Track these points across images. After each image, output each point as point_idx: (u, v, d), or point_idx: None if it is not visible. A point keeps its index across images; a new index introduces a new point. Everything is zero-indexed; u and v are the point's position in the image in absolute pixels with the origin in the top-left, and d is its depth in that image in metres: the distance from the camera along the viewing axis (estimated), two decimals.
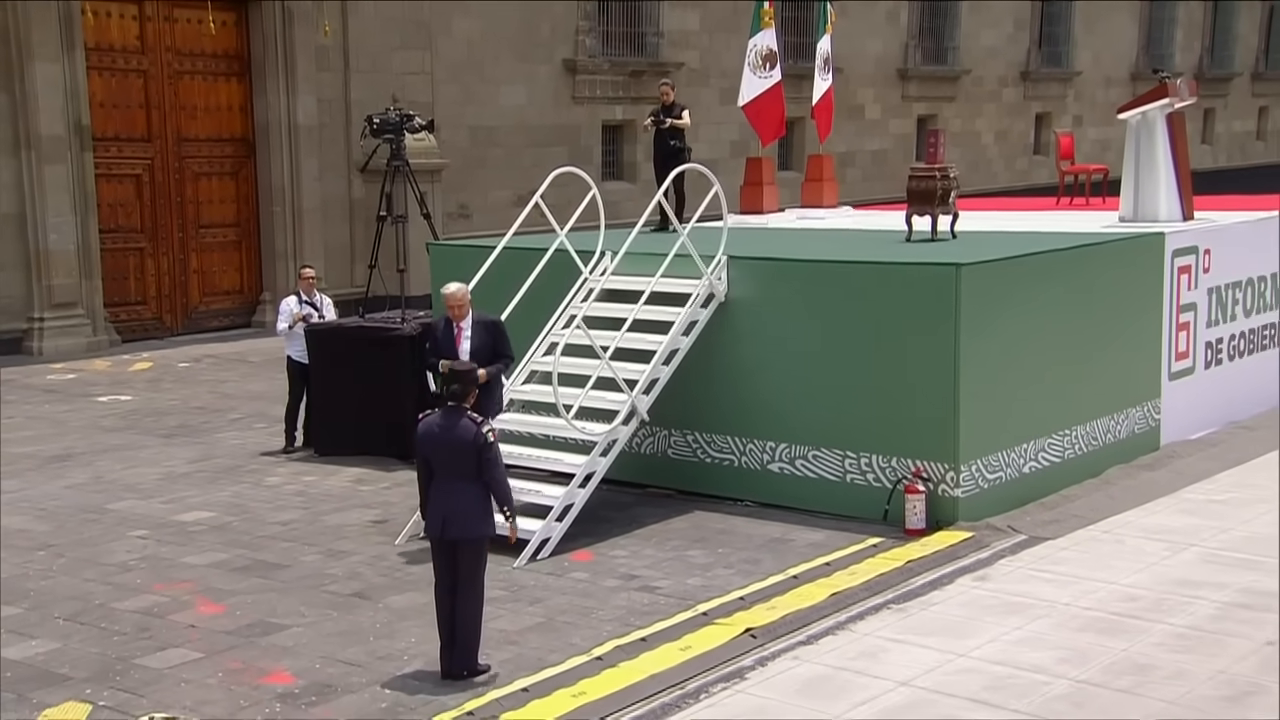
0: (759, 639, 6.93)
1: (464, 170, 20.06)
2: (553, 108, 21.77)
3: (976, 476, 8.96)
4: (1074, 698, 6.09)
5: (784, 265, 9.83)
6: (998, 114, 31.20)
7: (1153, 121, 11.23)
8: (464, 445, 6.40)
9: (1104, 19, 32.97)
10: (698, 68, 23.79)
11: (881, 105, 28.29)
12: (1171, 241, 10.60)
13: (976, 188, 26.95)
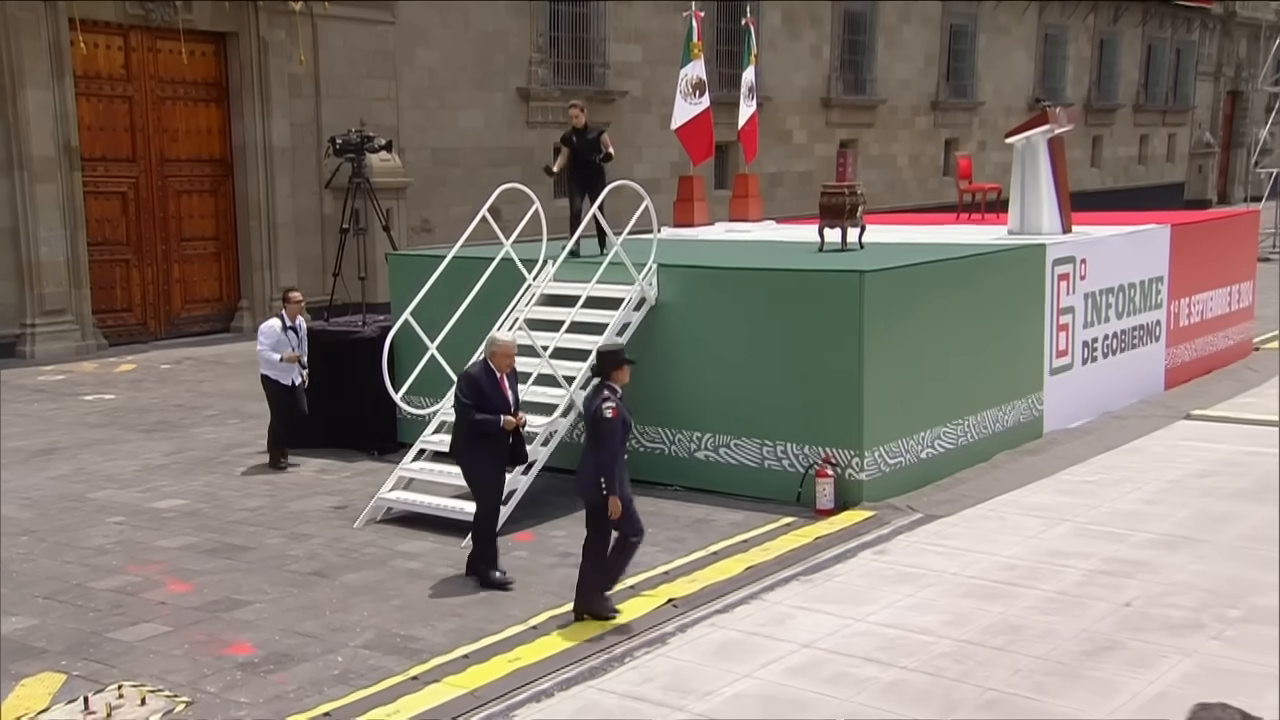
0: (680, 608, 6.98)
1: (426, 188, 19.97)
2: (508, 131, 21.73)
3: (879, 461, 9.06)
4: (954, 655, 6.19)
5: (709, 272, 9.89)
6: (911, 139, 31.49)
7: (1036, 145, 11.40)
8: (589, 416, 6.74)
9: (1004, 55, 33.42)
10: (640, 96, 23.82)
11: (807, 130, 28.45)
12: (1052, 252, 10.75)
13: (893, 205, 27.22)
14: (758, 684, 5.94)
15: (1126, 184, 38.26)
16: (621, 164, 23.23)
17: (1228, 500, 8.75)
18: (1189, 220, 13.57)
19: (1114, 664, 6.01)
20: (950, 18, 31.51)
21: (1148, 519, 8.38)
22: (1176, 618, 6.55)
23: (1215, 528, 8.13)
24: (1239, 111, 43.30)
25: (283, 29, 17.83)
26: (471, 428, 7.36)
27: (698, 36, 13.24)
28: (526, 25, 21.60)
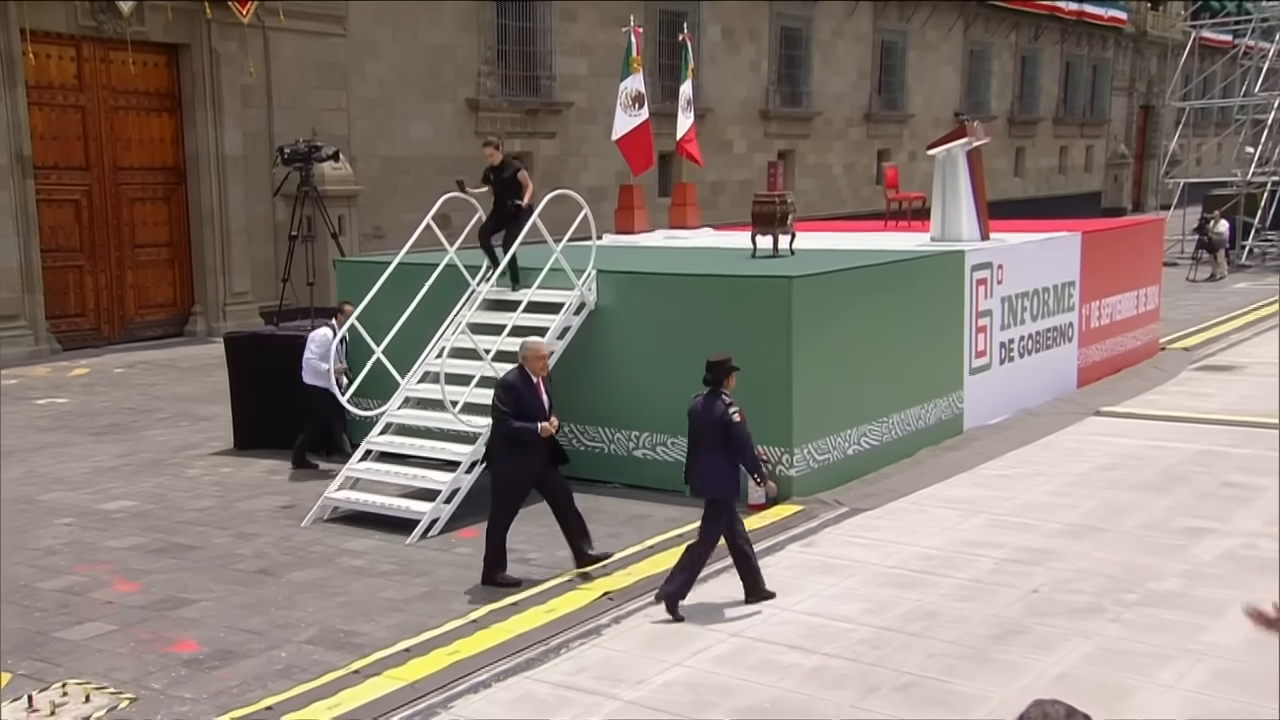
0: (616, 600, 7.01)
1: (377, 195, 19.83)
2: (457, 140, 21.62)
3: (808, 458, 9.16)
4: (873, 641, 6.29)
5: (646, 278, 9.94)
6: (845, 149, 31.78)
7: (956, 157, 11.56)
8: (716, 423, 6.79)
9: (932, 70, 33.85)
10: (586, 107, 23.83)
11: (747, 141, 28.62)
12: (970, 258, 10.91)
13: (828, 212, 27.44)
14: (687, 672, 5.99)
15: (1048, 193, 38.90)
16: (568, 173, 23.37)
17: (1130, 491, 8.95)
18: (1098, 228, 13.82)
19: (1021, 647, 6.14)
20: (881, 34, 31.86)
21: (1057, 510, 8.56)
22: (1079, 602, 6.70)
23: (1118, 517, 8.32)
24: (1151, 125, 44.19)
25: (235, 41, 17.62)
26: (508, 434, 7.22)
27: (637, 51, 13.29)
28: (475, 39, 21.53)
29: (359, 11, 19.39)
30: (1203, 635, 6.14)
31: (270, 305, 15.46)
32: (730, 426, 6.79)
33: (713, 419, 6.83)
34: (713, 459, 6.85)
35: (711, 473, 6.87)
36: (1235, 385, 12.94)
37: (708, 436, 6.87)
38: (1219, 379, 13.34)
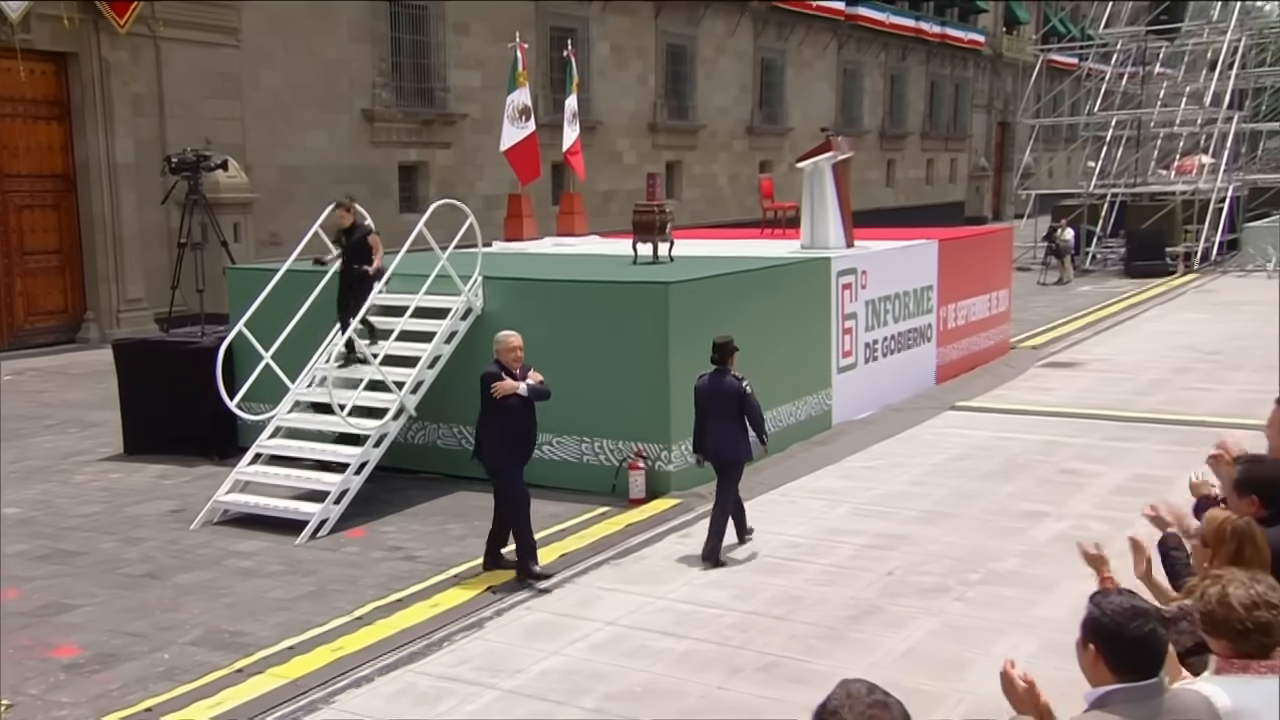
0: (499, 594, 7.00)
1: (274, 203, 19.36)
2: (353, 150, 21.27)
3: (685, 454, 9.25)
4: (740, 625, 6.42)
5: (531, 284, 9.93)
6: (730, 160, 32.19)
7: (823, 170, 11.80)
8: (730, 395, 7.45)
9: (809, 86, 34.53)
10: (480, 118, 23.65)
11: (636, 152, 28.76)
12: (836, 264, 11.17)
13: (714, 220, 27.75)
14: (564, 660, 6.03)
15: (917, 202, 40.00)
16: (463, 183, 23.18)
17: (979, 480, 9.28)
18: (953, 236, 14.30)
19: (874, 626, 6.33)
20: (761, 52, 32.36)
21: (912, 498, 8.83)
22: (928, 583, 6.94)
23: (967, 504, 8.62)
24: (1008, 140, 45.77)
25: (125, 50, 17.01)
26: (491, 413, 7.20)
27: (523, 66, 13.27)
28: (369, 51, 21.20)
29: (252, 23, 18.91)
30: (1035, 610, 6.43)
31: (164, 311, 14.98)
32: (746, 398, 7.51)
33: (724, 392, 7.51)
34: (725, 426, 7.50)
35: (726, 439, 7.53)
36: (1076, 380, 13.51)
37: (718, 408, 7.53)
38: (1062, 375, 13.91)
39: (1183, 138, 30.13)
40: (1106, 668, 2.59)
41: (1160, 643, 2.55)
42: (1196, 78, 28.39)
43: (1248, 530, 3.33)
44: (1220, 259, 24.96)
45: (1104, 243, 26.02)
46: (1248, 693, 2.66)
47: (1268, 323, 17.09)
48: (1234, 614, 2.69)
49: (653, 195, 10.97)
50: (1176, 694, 2.63)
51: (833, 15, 34.18)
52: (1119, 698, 2.55)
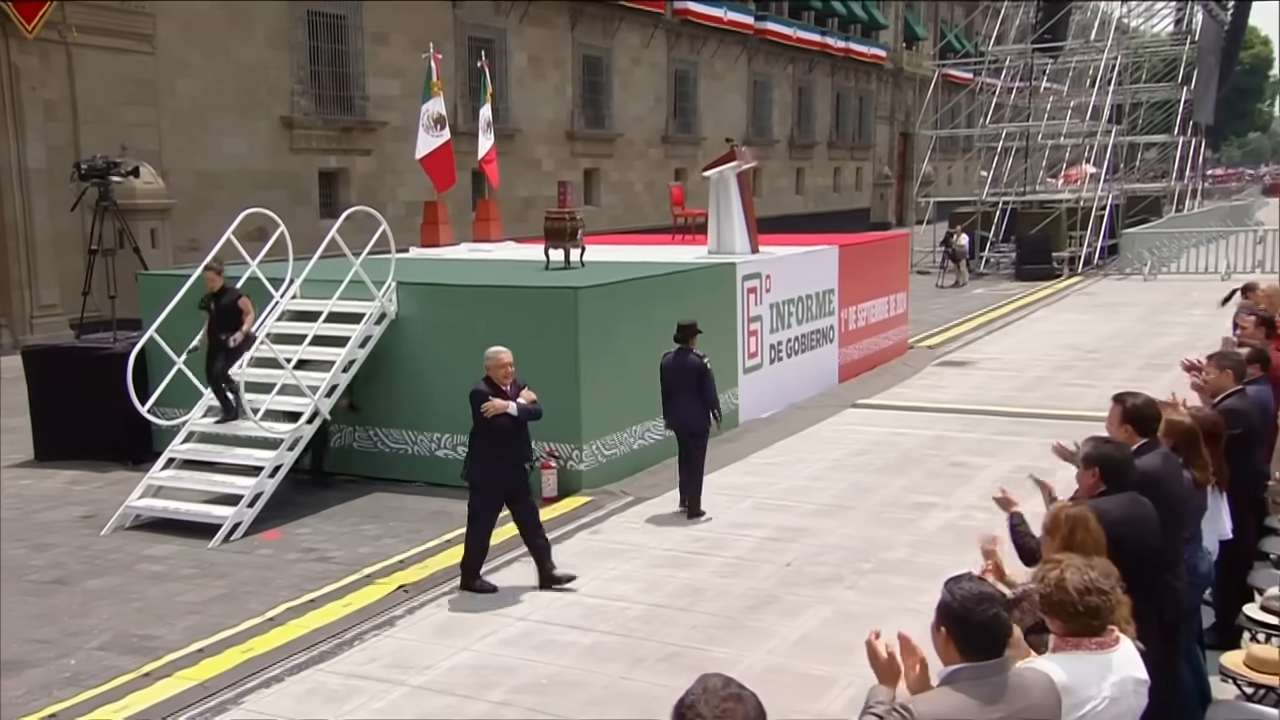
0: (410, 593, 6.95)
1: (192, 209, 18.85)
2: (272, 156, 20.84)
3: (596, 453, 9.30)
4: (645, 617, 6.47)
5: (443, 289, 9.87)
6: (646, 168, 32.31)
7: (728, 178, 11.93)
8: (691, 371, 8.17)
9: (721, 97, 34.86)
10: (400, 126, 23.35)
11: (555, 160, 28.70)
12: (741, 269, 11.30)
13: (631, 226, 27.81)
14: (473, 655, 6.01)
15: (825, 209, 40.63)
16: (384, 189, 22.88)
17: (875, 474, 9.49)
18: (853, 241, 14.56)
19: (771, 615, 6.44)
20: (675, 64, 32.57)
21: (812, 492, 8.99)
22: (823, 573, 7.08)
23: (863, 497, 8.81)
24: (909, 150, 46.76)
25: (34, 55, 16.42)
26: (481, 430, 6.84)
27: (436, 76, 13.17)
28: (287, 59, 20.79)
29: (167, 30, 18.41)
30: (922, 596, 6.56)
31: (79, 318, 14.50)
32: (706, 373, 8.21)
33: (687, 369, 8.19)
34: (689, 400, 8.22)
35: (691, 411, 8.25)
36: (968, 378, 13.87)
37: (681, 384, 8.21)
38: (955, 373, 14.28)
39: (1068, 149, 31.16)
40: (955, 648, 2.69)
41: (1003, 625, 2.67)
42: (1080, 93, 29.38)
43: (1080, 516, 3.51)
44: (1101, 263, 25.84)
45: (996, 247, 26.75)
46: (1080, 668, 2.80)
47: (1142, 323, 17.80)
48: (1068, 597, 2.83)
49: (564, 202, 11.00)
50: (1019, 672, 2.75)
51: (743, 29, 34.57)
52: (965, 675, 2.66)
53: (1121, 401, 4.57)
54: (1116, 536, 3.47)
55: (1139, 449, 4.39)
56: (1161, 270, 24.66)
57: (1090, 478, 3.80)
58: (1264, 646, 4.59)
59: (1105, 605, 2.82)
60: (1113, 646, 2.85)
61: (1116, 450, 3.83)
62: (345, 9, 21.81)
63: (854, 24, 41.88)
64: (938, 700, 2.64)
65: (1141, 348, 15.31)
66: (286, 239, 9.95)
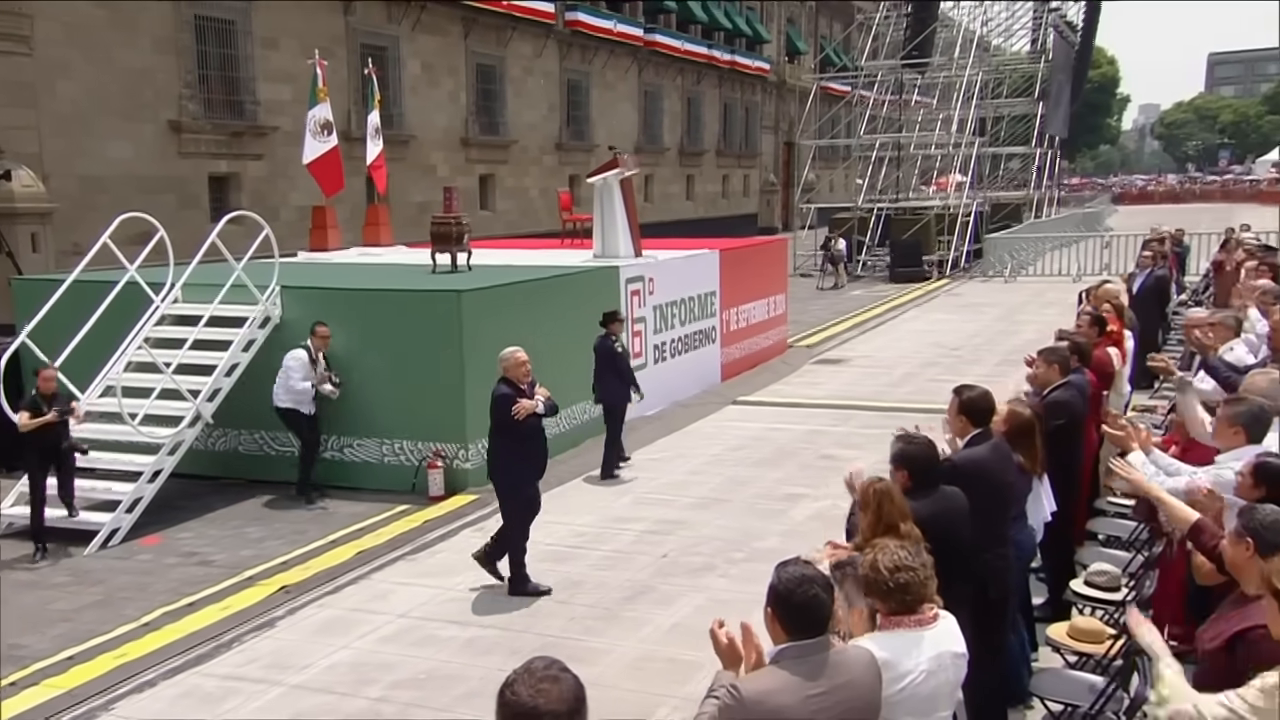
0: (292, 593, 6.81)
1: (75, 213, 17.97)
2: (160, 160, 20.05)
3: (482, 452, 9.21)
4: (525, 610, 6.49)
5: (329, 293, 9.68)
6: (541, 174, 32.16)
7: (611, 185, 12.00)
8: (605, 354, 9.22)
9: (613, 106, 34.96)
10: (292, 131, 22.66)
11: (450, 166, 28.34)
12: (624, 272, 11.37)
13: (526, 230, 27.63)
14: (352, 653, 5.93)
15: (715, 214, 41.11)
16: (276, 194, 22.26)
17: (751, 467, 9.67)
18: (734, 246, 14.79)
19: (646, 604, 6.52)
20: (567, 73, 32.53)
21: (691, 486, 9.12)
22: (697, 563, 7.20)
23: (739, 489, 8.97)
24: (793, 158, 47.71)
25: None
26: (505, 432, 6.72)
27: (323, 82, 12.89)
28: (173, 63, 20.03)
29: (46, 31, 17.55)
30: None
31: None
32: (615, 356, 9.22)
33: (606, 351, 9.22)
34: (608, 379, 9.23)
35: (609, 388, 9.25)
36: (842, 375, 14.23)
37: (602, 365, 9.22)
38: (830, 370, 14.64)
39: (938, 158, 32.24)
40: (781, 628, 2.79)
41: (822, 606, 2.77)
42: (948, 106, 30.41)
43: (885, 490, 3.73)
44: (967, 266, 26.80)
45: (872, 251, 27.49)
46: (898, 644, 2.93)
47: (1002, 322, 18.54)
48: (880, 576, 2.96)
49: (450, 207, 10.88)
50: (842, 649, 2.86)
51: (632, 41, 34.76)
52: (790, 654, 2.75)
53: (959, 394, 4.78)
54: (927, 532, 3.65)
55: (973, 438, 4.60)
56: (1021, 273, 25.71)
57: (901, 478, 3.98)
58: (1086, 618, 4.85)
59: (915, 580, 2.95)
60: (930, 623, 2.99)
61: (919, 449, 4.02)
62: (234, 13, 21.15)
63: (739, 38, 42.52)
64: (763, 678, 2.73)
65: (1000, 345, 15.93)
66: (167, 243, 9.64)
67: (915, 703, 2.92)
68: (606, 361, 9.23)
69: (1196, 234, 22.51)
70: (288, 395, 8.85)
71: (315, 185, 22.84)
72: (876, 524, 3.63)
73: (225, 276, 9.32)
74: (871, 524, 3.66)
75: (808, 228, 30.30)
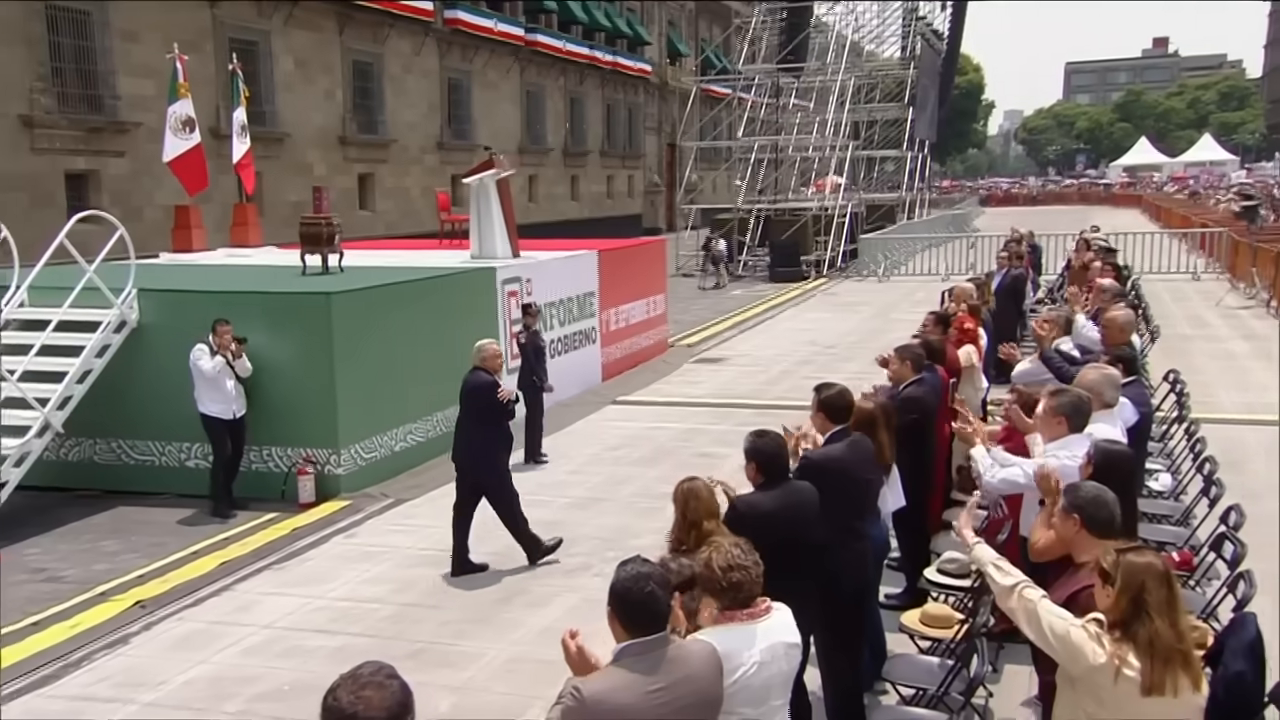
0: (148, 608, 6.54)
1: None
2: (11, 156, 18.95)
3: (355, 457, 9.05)
4: (395, 618, 6.37)
5: (190, 296, 9.33)
6: (422, 174, 31.65)
7: (487, 185, 11.88)
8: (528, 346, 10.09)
9: (495, 106, 34.67)
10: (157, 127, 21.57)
11: (327, 165, 27.64)
12: (501, 274, 11.28)
13: (408, 231, 27.14)
14: (212, 668, 5.72)
15: (600, 214, 41.20)
16: (140, 192, 21.31)
17: (630, 466, 9.73)
18: (612, 246, 14.85)
19: (519, 607, 6.49)
20: (448, 72, 32.12)
21: (569, 486, 9.11)
22: (573, 563, 7.20)
23: (617, 489, 9.01)
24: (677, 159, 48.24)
25: None
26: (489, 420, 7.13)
27: (183, 77, 12.39)
28: (23, 54, 18.97)
29: None
30: None
31: None
32: (521, 347, 10.07)
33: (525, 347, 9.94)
34: (524, 369, 9.94)
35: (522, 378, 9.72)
36: (720, 374, 14.44)
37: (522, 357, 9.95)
38: (710, 369, 14.83)
39: (815, 161, 33.05)
40: (621, 626, 2.82)
41: (658, 602, 2.81)
42: (824, 109, 31.22)
43: (691, 489, 3.91)
44: (844, 266, 27.57)
45: (753, 251, 28.01)
46: (731, 638, 3.00)
47: (875, 320, 19.14)
48: (714, 575, 3.04)
49: (320, 208, 10.62)
50: (682, 644, 2.91)
51: (514, 41, 34.56)
52: (630, 651, 2.79)
53: (818, 393, 4.90)
54: (768, 528, 3.76)
55: (832, 435, 4.73)
56: (894, 272, 26.59)
57: (752, 471, 4.11)
58: (938, 604, 5.05)
59: (747, 578, 3.03)
60: (763, 616, 3.07)
61: (767, 444, 4.15)
62: (90, 4, 20.16)
63: (621, 39, 42.74)
64: (604, 678, 2.76)
65: (873, 342, 16.39)
66: (11, 244, 9.13)
67: (749, 694, 2.99)
68: (528, 357, 10.01)
69: (1055, 235, 23.69)
70: (207, 392, 8.46)
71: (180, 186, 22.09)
72: (683, 521, 3.76)
73: (78, 279, 8.88)
74: (678, 521, 3.79)
75: (691, 228, 30.68)
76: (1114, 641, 2.80)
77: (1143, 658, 2.76)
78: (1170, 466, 7.27)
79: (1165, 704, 2.75)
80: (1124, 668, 2.76)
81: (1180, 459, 7.42)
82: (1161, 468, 7.12)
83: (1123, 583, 2.81)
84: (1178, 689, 2.75)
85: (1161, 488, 6.73)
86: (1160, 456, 7.52)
